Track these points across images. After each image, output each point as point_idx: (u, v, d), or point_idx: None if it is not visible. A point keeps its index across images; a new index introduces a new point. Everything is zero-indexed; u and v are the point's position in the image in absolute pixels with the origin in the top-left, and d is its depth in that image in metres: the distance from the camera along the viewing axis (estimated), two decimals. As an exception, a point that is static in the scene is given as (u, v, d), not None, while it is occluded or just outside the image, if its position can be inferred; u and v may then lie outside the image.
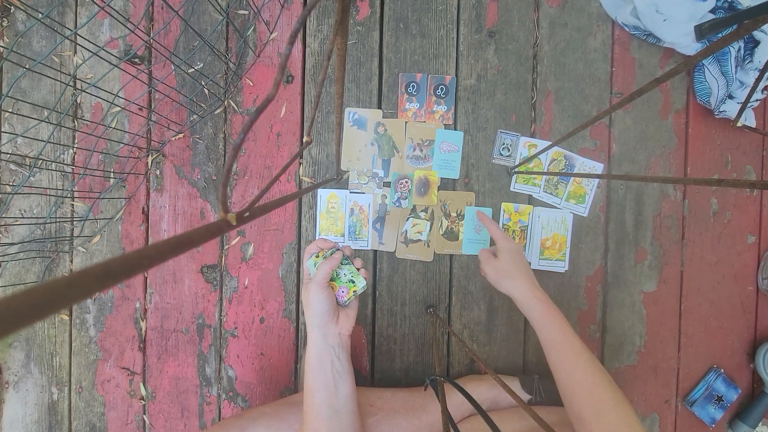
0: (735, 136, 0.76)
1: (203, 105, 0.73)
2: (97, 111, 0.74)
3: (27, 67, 0.46)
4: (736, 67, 0.70)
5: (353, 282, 0.55)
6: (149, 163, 0.74)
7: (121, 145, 0.72)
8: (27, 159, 0.74)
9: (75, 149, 0.74)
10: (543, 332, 0.54)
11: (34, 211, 0.74)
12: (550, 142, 0.62)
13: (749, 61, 0.70)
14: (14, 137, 0.72)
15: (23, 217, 0.74)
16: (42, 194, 0.71)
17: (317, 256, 0.56)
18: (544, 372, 0.72)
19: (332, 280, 0.55)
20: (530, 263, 0.73)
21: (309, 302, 0.52)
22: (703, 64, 0.72)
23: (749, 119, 0.74)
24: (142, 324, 0.74)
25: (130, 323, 0.74)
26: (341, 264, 0.56)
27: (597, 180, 0.73)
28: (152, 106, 0.73)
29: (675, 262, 0.76)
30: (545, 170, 0.74)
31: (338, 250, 0.56)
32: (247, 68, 0.73)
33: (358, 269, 0.56)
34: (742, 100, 0.70)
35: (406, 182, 0.73)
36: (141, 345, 0.74)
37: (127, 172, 0.73)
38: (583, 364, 0.49)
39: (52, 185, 0.74)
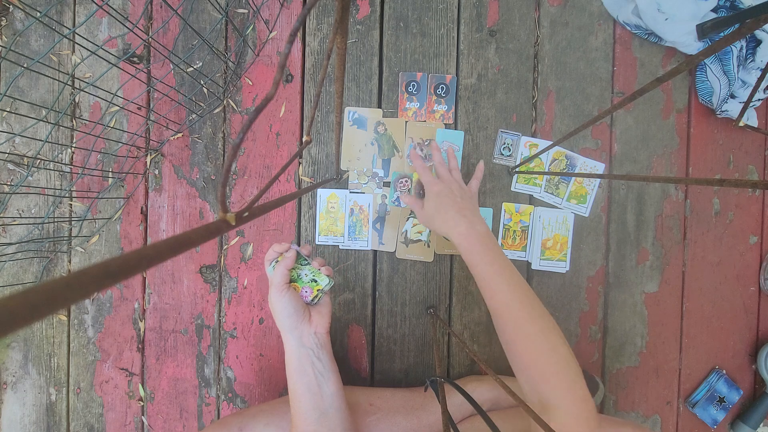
0: (737, 136, 0.76)
1: (202, 104, 0.73)
2: (95, 110, 0.73)
3: (25, 66, 0.46)
4: (738, 66, 0.70)
5: (315, 281, 0.53)
6: (148, 163, 0.73)
7: (120, 144, 0.72)
8: (25, 158, 0.73)
9: (73, 149, 0.73)
10: (471, 268, 0.53)
11: (32, 211, 0.74)
12: (552, 142, 0.62)
13: (751, 61, 0.69)
14: (12, 136, 0.72)
15: (21, 217, 0.73)
16: (40, 194, 0.70)
17: (276, 262, 0.53)
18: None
19: (293, 281, 0.53)
20: (530, 264, 0.73)
21: (273, 307, 0.50)
22: (705, 64, 0.71)
23: (751, 119, 0.74)
24: (141, 325, 0.74)
25: (128, 324, 0.74)
26: (300, 265, 0.54)
27: (598, 180, 0.73)
28: (151, 106, 0.73)
29: (677, 262, 0.75)
30: (546, 170, 0.73)
31: (294, 249, 0.54)
32: (246, 67, 0.73)
33: (319, 268, 0.54)
34: (745, 100, 0.70)
35: (406, 181, 0.72)
36: (140, 346, 0.74)
37: (125, 172, 0.73)
38: (513, 301, 0.49)
39: (50, 185, 0.74)
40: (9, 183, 0.73)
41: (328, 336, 0.52)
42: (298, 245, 0.58)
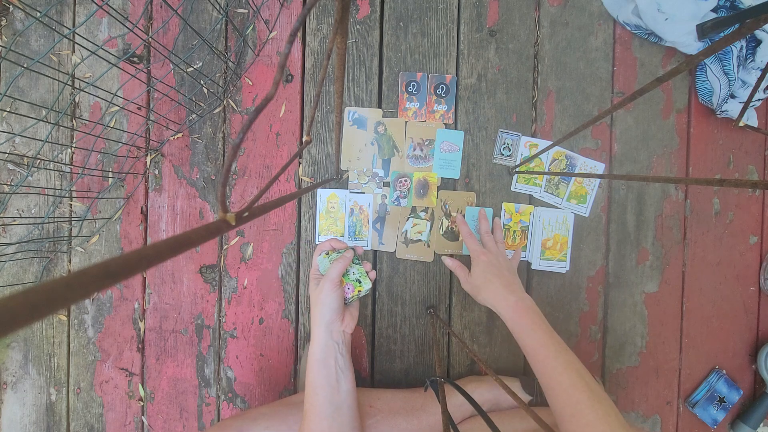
0: (737, 136, 0.76)
1: (202, 104, 0.73)
2: (95, 110, 0.73)
3: (25, 66, 0.46)
4: (738, 66, 0.70)
5: (359, 282, 0.57)
6: (148, 163, 0.73)
7: (120, 144, 0.72)
8: (25, 158, 0.73)
9: (73, 149, 0.73)
10: (518, 339, 0.54)
11: (32, 211, 0.74)
12: (552, 142, 0.62)
13: (751, 61, 0.69)
14: (12, 136, 0.72)
15: (21, 217, 0.73)
16: (40, 194, 0.70)
17: (327, 254, 0.58)
18: (545, 373, 0.72)
19: (342, 277, 0.57)
20: (530, 264, 0.73)
21: (320, 299, 0.53)
22: (705, 64, 0.71)
23: (752, 119, 0.74)
24: (141, 325, 0.74)
25: (128, 324, 0.74)
26: (353, 262, 0.59)
27: (598, 180, 0.73)
28: (151, 106, 0.73)
29: (677, 262, 0.75)
30: (546, 170, 0.73)
31: (351, 249, 0.58)
32: (246, 67, 0.73)
33: (367, 272, 0.59)
34: (745, 100, 0.70)
35: (406, 181, 0.72)
36: (140, 346, 0.74)
37: (125, 172, 0.73)
38: (560, 367, 0.49)
39: (50, 185, 0.74)
40: (9, 183, 0.73)
41: (351, 338, 0.56)
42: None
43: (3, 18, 0.73)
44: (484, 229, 0.67)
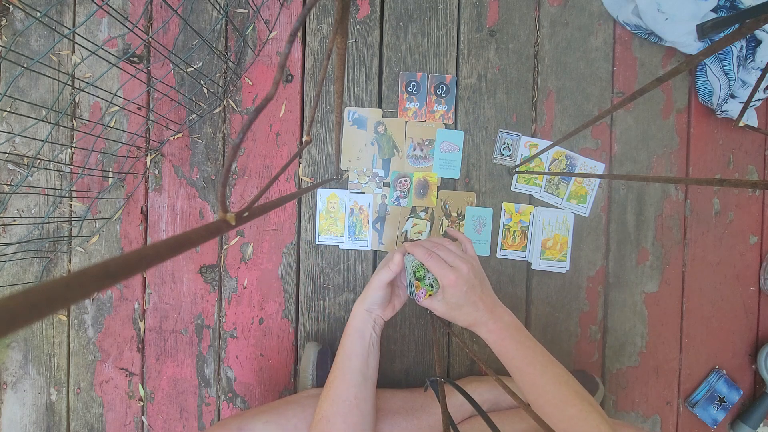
0: (737, 136, 0.76)
1: (202, 104, 0.73)
2: (95, 110, 0.73)
3: (25, 65, 0.46)
4: (738, 66, 0.70)
5: (432, 287, 0.56)
6: (148, 163, 0.73)
7: (120, 144, 0.72)
8: (25, 158, 0.73)
9: (73, 149, 0.73)
10: (505, 362, 0.51)
11: (32, 211, 0.74)
12: (552, 142, 0.62)
13: (751, 61, 0.69)
14: (12, 136, 0.72)
15: (21, 217, 0.73)
16: (40, 194, 0.70)
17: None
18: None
19: (418, 279, 0.56)
20: (530, 264, 0.73)
21: (371, 287, 0.56)
22: (704, 64, 0.71)
23: (751, 119, 0.74)
24: (141, 325, 0.74)
25: (128, 324, 0.74)
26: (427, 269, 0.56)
27: (598, 180, 0.73)
28: (151, 106, 0.73)
29: (677, 262, 0.75)
30: (546, 170, 0.73)
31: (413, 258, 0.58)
32: (246, 67, 0.73)
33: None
34: (745, 100, 0.70)
35: (406, 181, 0.72)
36: (140, 346, 0.74)
37: (125, 172, 0.73)
38: (548, 384, 0.48)
39: (50, 185, 0.74)
40: (9, 183, 0.73)
41: (384, 324, 0.59)
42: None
43: (3, 18, 0.73)
44: (450, 247, 0.57)
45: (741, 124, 0.43)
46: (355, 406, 0.51)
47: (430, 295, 0.55)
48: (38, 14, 0.71)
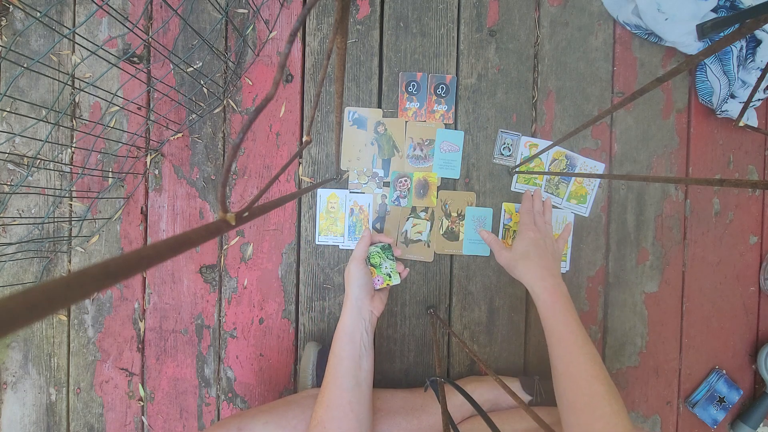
0: (737, 136, 0.76)
1: (202, 104, 0.73)
2: (95, 110, 0.73)
3: (25, 66, 0.46)
4: (738, 66, 0.70)
5: (389, 276, 0.62)
6: (148, 163, 0.73)
7: (120, 144, 0.72)
8: (25, 158, 0.73)
9: (73, 149, 0.73)
10: (547, 321, 0.54)
11: (32, 211, 0.74)
12: (552, 142, 0.62)
13: (751, 61, 0.69)
14: (12, 136, 0.72)
15: (21, 217, 0.73)
16: (40, 194, 0.70)
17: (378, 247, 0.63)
18: (544, 373, 0.72)
19: (373, 266, 0.61)
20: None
21: (350, 274, 0.58)
22: (704, 64, 0.71)
23: (751, 119, 0.74)
24: (141, 325, 0.74)
25: (128, 324, 0.74)
26: (386, 257, 0.62)
27: (598, 180, 0.73)
28: (151, 106, 0.73)
29: (677, 262, 0.75)
30: (546, 170, 0.73)
31: (387, 243, 0.64)
32: (246, 67, 0.73)
33: (399, 272, 0.63)
34: (745, 100, 0.70)
35: (406, 181, 0.72)
36: (140, 346, 0.74)
37: (125, 172, 0.73)
38: (583, 357, 0.49)
39: (50, 185, 0.74)
40: (9, 183, 0.73)
41: (377, 321, 0.60)
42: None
43: (3, 18, 0.73)
44: (537, 208, 0.66)
45: (741, 124, 0.43)
46: (349, 411, 0.51)
47: (388, 284, 0.62)
48: (38, 14, 0.71)
